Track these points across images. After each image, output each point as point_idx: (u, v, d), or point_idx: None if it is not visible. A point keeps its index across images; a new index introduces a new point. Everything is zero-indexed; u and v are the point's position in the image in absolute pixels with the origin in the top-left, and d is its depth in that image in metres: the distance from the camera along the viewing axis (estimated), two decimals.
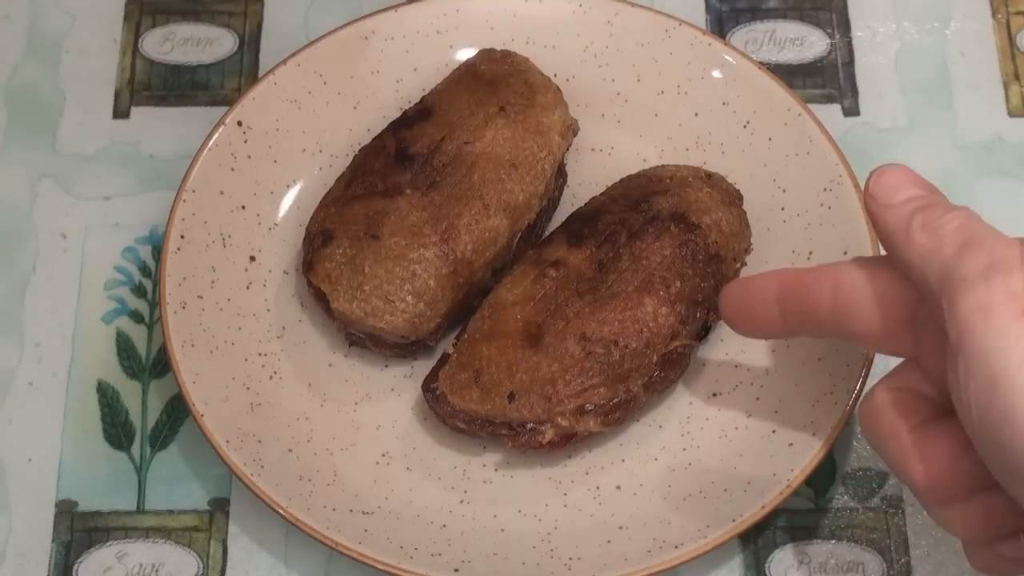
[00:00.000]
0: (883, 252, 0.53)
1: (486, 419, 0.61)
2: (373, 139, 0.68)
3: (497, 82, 0.68)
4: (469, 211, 0.64)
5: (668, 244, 0.63)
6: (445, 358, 0.63)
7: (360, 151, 0.68)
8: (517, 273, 0.64)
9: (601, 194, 0.67)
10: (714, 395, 0.65)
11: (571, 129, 0.68)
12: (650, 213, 0.64)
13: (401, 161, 0.65)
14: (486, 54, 0.70)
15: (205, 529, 0.64)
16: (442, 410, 0.62)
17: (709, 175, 0.67)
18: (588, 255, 0.63)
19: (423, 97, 0.69)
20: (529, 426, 0.61)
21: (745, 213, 0.66)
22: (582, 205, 0.67)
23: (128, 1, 0.78)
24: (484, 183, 0.64)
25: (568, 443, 0.62)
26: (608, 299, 0.62)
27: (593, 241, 0.63)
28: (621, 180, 0.68)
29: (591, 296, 0.62)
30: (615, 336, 0.61)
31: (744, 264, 0.66)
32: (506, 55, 0.70)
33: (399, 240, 0.63)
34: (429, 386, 0.63)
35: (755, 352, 0.65)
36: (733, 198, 0.66)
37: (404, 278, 0.63)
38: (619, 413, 0.62)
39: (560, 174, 0.69)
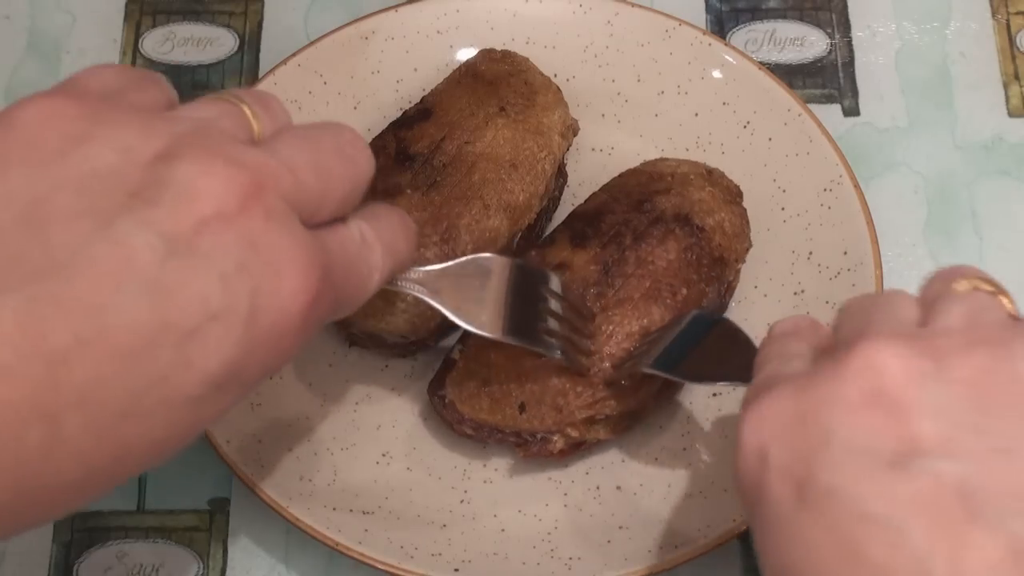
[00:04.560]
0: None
1: (495, 427, 0.61)
2: (373, 139, 0.68)
3: (497, 82, 0.68)
4: (469, 211, 0.64)
5: (673, 248, 0.62)
6: (450, 363, 0.63)
7: None
8: None
9: (600, 190, 0.67)
10: (714, 395, 0.65)
11: (571, 129, 0.68)
12: (654, 214, 0.63)
13: (401, 161, 0.65)
14: (486, 54, 0.70)
15: (205, 529, 0.64)
16: (451, 416, 0.62)
17: (710, 171, 0.66)
18: (593, 256, 0.62)
19: (423, 97, 0.69)
20: (540, 436, 0.61)
21: (745, 210, 0.66)
22: (582, 202, 0.67)
23: (128, 1, 0.78)
24: (484, 183, 0.64)
25: (576, 450, 0.62)
26: (615, 306, 0.61)
27: (597, 242, 0.63)
28: (620, 175, 0.67)
29: (599, 304, 0.61)
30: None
31: (744, 263, 0.66)
32: (506, 55, 0.70)
33: None
34: (436, 392, 0.62)
35: None
36: (734, 195, 0.66)
37: None
38: (628, 422, 0.61)
39: (560, 174, 0.69)
